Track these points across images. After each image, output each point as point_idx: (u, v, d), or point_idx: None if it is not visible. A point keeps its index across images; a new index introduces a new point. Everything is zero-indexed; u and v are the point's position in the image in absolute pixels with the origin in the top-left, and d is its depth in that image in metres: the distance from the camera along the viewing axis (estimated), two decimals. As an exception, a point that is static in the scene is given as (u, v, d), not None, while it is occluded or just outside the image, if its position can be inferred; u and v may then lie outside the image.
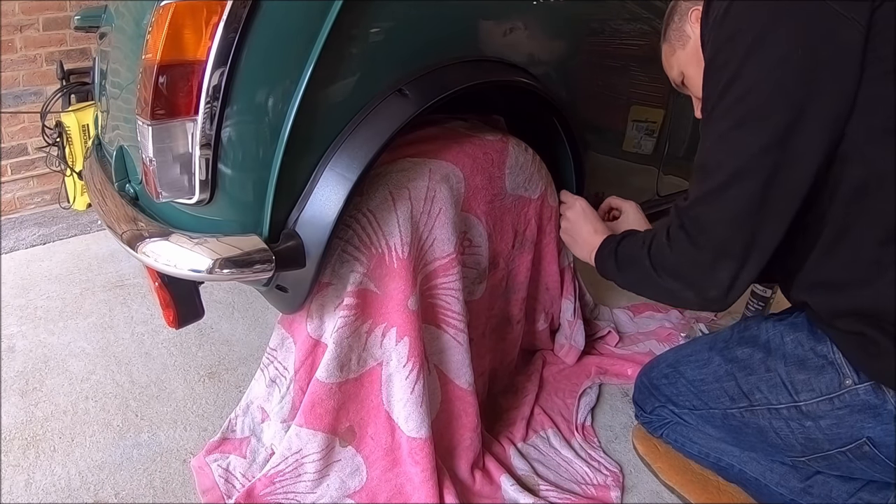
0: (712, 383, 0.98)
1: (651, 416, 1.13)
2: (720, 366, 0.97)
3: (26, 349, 1.46)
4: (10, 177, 2.22)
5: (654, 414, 1.12)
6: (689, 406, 1.04)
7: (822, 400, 0.83)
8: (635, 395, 1.18)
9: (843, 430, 0.83)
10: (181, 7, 0.76)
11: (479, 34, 1.04)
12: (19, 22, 2.08)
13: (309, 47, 0.82)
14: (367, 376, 1.01)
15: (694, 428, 1.07)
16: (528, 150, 1.19)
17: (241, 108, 0.81)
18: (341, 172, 0.87)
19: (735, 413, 0.95)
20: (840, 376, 0.82)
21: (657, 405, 1.11)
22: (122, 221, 0.95)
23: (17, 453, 1.15)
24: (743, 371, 0.93)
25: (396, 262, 0.97)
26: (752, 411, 0.92)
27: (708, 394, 0.99)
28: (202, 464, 1.10)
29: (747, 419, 0.93)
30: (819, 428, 0.85)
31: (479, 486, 1.07)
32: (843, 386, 0.81)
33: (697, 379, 1.01)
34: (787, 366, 0.87)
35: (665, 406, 1.09)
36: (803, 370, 0.86)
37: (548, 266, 1.33)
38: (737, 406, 0.94)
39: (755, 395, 0.91)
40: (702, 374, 1.00)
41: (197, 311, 1.03)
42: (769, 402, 0.89)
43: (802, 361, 0.86)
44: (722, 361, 0.97)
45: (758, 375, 0.91)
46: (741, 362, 0.94)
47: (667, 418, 1.11)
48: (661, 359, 1.13)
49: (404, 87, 0.92)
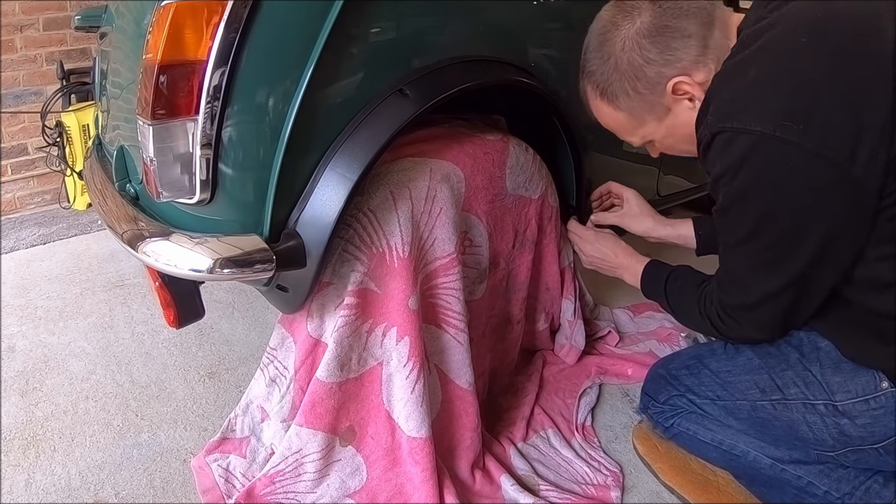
0: (741, 374, 0.99)
1: (664, 405, 1.12)
2: (751, 359, 0.98)
3: (26, 349, 1.46)
4: (10, 177, 2.23)
5: (668, 403, 1.11)
6: (711, 396, 1.03)
7: (858, 401, 0.85)
8: (646, 387, 1.17)
9: (878, 428, 0.84)
10: (182, 7, 0.76)
11: (479, 34, 1.04)
12: (19, 22, 2.09)
13: (309, 47, 0.82)
14: (367, 376, 1.01)
15: (712, 418, 1.06)
16: (529, 150, 1.19)
17: (242, 108, 0.82)
18: (342, 172, 0.87)
19: (766, 405, 0.95)
20: (876, 380, 0.84)
21: (674, 394, 1.10)
22: (122, 221, 0.95)
23: (17, 453, 1.16)
24: (778, 365, 0.94)
25: (397, 262, 0.97)
26: (785, 404, 0.93)
27: (735, 385, 0.99)
28: (202, 464, 1.10)
29: (779, 412, 0.94)
30: (854, 426, 0.86)
31: (479, 486, 1.07)
32: (879, 388, 0.83)
33: (724, 370, 1.02)
34: (823, 368, 0.89)
35: (683, 395, 1.08)
36: (838, 373, 0.87)
37: (548, 266, 1.33)
38: (769, 398, 0.95)
39: (790, 388, 0.92)
40: (729, 366, 1.01)
41: (197, 310, 1.03)
42: (805, 398, 0.90)
43: (837, 365, 0.88)
44: (753, 355, 0.98)
45: (794, 371, 0.92)
46: (775, 357, 0.95)
47: (682, 408, 1.10)
48: (683, 352, 1.15)
49: (405, 86, 0.92)
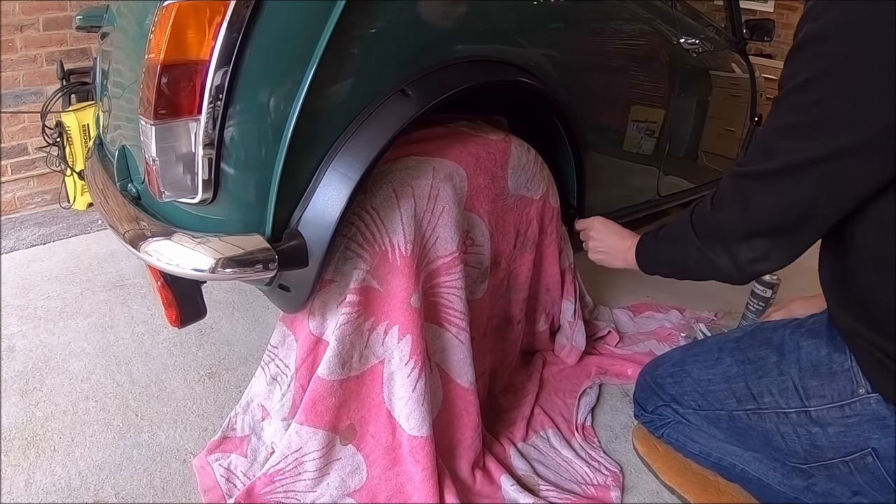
0: (720, 384, 0.98)
1: (652, 415, 1.13)
2: (730, 366, 0.97)
3: (26, 349, 1.46)
4: (10, 177, 2.22)
5: (656, 413, 1.12)
6: (693, 406, 1.03)
7: (832, 407, 0.83)
8: (636, 394, 1.17)
9: (850, 438, 0.82)
10: (184, 7, 0.77)
11: (480, 34, 1.05)
12: (19, 22, 2.08)
13: (311, 47, 0.82)
14: (368, 374, 1.02)
15: (696, 428, 1.06)
16: (531, 150, 1.20)
17: (244, 107, 0.82)
18: (344, 172, 0.87)
19: (741, 415, 0.94)
20: (853, 385, 0.82)
21: (660, 404, 1.10)
22: (124, 221, 0.95)
23: (17, 453, 1.15)
24: (755, 373, 0.93)
25: (399, 260, 0.97)
26: (759, 414, 0.92)
27: (715, 394, 0.99)
28: (204, 463, 1.10)
29: (753, 422, 0.93)
30: (826, 435, 0.85)
31: (479, 485, 1.07)
32: (855, 394, 0.81)
33: (705, 379, 1.00)
34: (801, 371, 0.87)
35: (668, 405, 1.08)
36: (816, 376, 0.85)
37: (549, 267, 1.33)
38: (744, 408, 0.94)
39: (764, 398, 0.91)
40: (709, 374, 1.00)
41: (199, 310, 1.03)
42: (778, 406, 0.89)
43: (816, 367, 0.86)
44: (732, 362, 0.97)
45: (769, 378, 0.90)
46: (753, 364, 0.94)
47: (668, 418, 1.10)
48: (667, 357, 1.13)
49: (406, 86, 0.92)
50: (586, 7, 1.28)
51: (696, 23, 1.72)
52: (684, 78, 1.64)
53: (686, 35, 1.62)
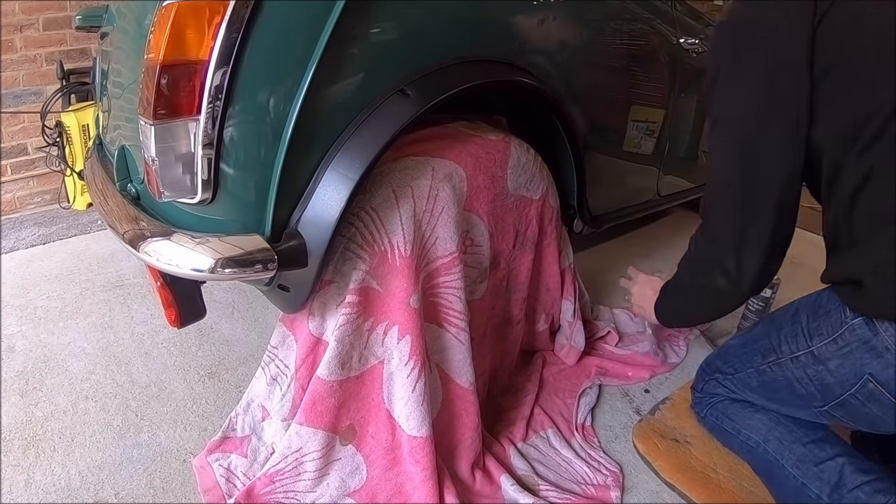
0: (751, 345, 1.07)
1: (702, 394, 1.18)
2: (760, 329, 1.07)
3: (26, 349, 1.46)
4: (10, 177, 2.22)
5: (705, 391, 1.18)
6: (731, 370, 1.10)
7: (828, 342, 0.90)
8: (694, 383, 1.22)
9: (847, 369, 0.88)
10: (184, 7, 0.77)
11: (480, 34, 1.05)
12: (19, 22, 2.09)
13: (311, 47, 0.82)
14: (368, 374, 1.02)
15: (732, 401, 1.12)
16: (531, 150, 1.20)
17: (244, 107, 0.82)
18: (343, 172, 0.87)
19: (766, 368, 1.02)
20: (843, 316, 0.89)
21: (708, 378, 1.16)
22: (123, 221, 0.95)
23: (17, 453, 1.15)
24: (775, 329, 1.01)
25: (399, 260, 0.97)
26: (779, 364, 0.99)
27: (747, 356, 1.07)
28: (204, 463, 1.10)
29: (776, 373, 1.00)
30: (829, 371, 0.91)
31: (479, 485, 1.07)
32: (844, 323, 0.88)
33: (741, 344, 1.11)
34: (808, 315, 0.96)
35: (713, 377, 1.15)
36: (816, 318, 0.94)
37: (548, 267, 1.33)
38: (767, 361, 1.02)
39: (782, 347, 0.99)
40: (745, 340, 1.10)
41: (199, 310, 1.03)
42: (791, 353, 0.97)
43: (816, 310, 0.95)
44: (762, 325, 1.08)
45: (786, 329, 0.99)
46: (776, 322, 1.03)
47: (713, 396, 1.16)
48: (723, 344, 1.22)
49: (406, 87, 0.92)
50: (586, 7, 1.28)
51: (696, 23, 1.72)
52: (684, 78, 1.64)
53: (686, 35, 1.62)
